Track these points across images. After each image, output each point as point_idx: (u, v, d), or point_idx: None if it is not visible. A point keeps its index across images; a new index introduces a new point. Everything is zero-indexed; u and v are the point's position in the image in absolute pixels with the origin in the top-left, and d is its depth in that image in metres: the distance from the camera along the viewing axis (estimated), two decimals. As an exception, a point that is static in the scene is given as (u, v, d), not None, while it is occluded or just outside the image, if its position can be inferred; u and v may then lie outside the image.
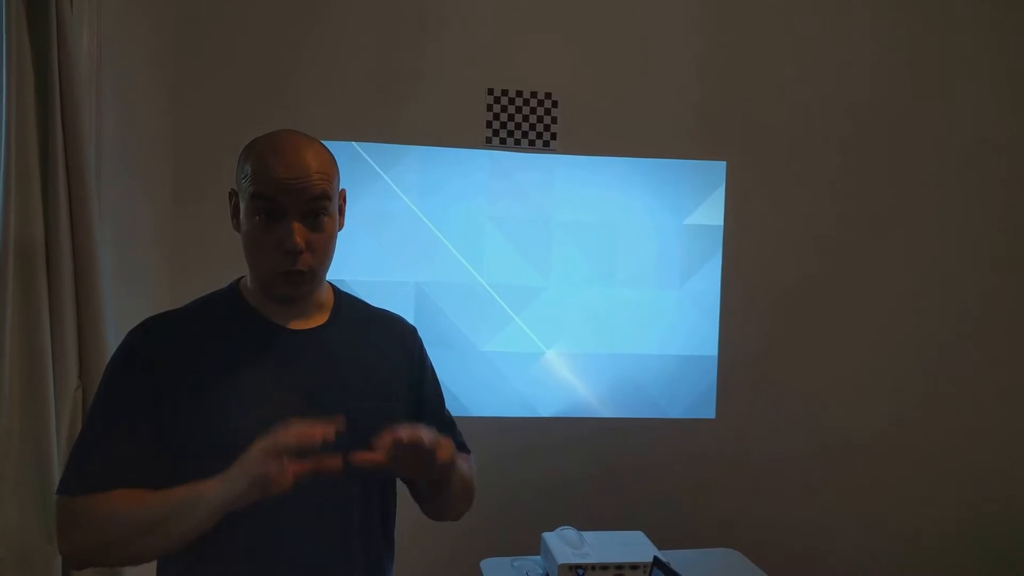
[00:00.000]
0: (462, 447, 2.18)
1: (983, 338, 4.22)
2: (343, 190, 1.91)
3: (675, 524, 3.76)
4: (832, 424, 4.15)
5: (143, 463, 1.74)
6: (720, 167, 3.99)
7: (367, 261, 3.73)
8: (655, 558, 2.78)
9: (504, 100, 3.83)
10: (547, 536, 3.13)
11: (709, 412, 4.07)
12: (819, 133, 4.06)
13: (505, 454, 3.91)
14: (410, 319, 3.67)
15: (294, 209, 1.74)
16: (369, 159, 3.74)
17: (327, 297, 1.98)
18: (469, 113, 3.83)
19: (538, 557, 3.18)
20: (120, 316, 2.74)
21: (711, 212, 3.99)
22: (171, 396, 1.75)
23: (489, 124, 3.83)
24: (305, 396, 1.81)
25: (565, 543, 3.05)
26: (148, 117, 3.40)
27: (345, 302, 2.03)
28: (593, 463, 4.01)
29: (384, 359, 2.00)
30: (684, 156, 3.96)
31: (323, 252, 1.82)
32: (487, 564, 3.23)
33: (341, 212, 1.90)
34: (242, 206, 1.80)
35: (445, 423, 2.16)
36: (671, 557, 3.00)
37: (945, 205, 4.15)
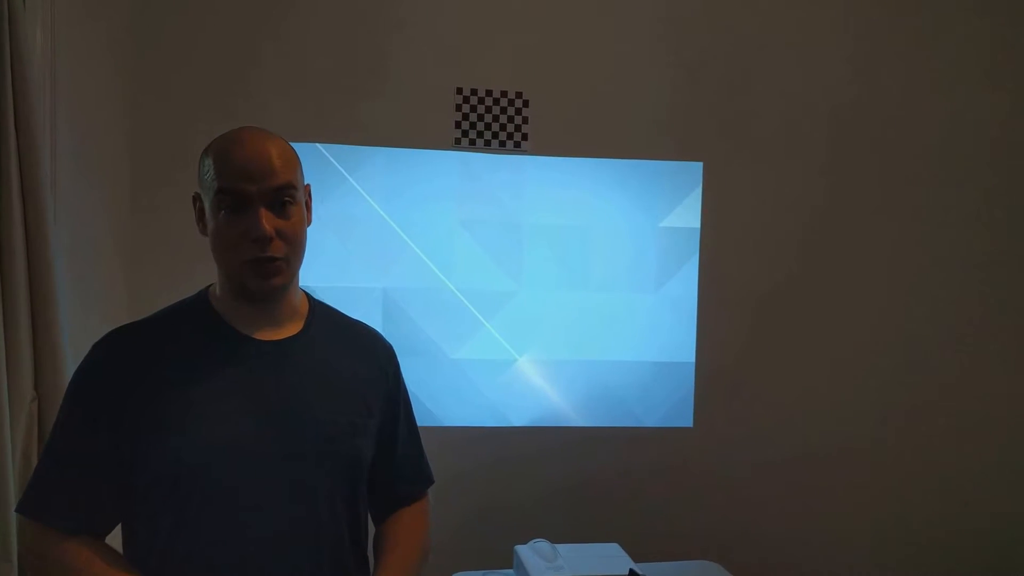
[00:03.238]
0: (419, 494, 2.25)
1: (967, 342, 4.25)
2: (308, 185, 1.92)
3: (652, 536, 3.78)
4: (814, 432, 4.17)
5: (109, 485, 1.77)
6: (697, 168, 4.00)
7: (332, 266, 3.73)
8: (631, 571, 2.81)
9: (473, 100, 3.84)
10: (520, 549, 3.12)
11: (686, 420, 4.07)
12: (799, 132, 4.08)
13: (476, 465, 3.92)
14: (377, 326, 3.68)
15: (260, 198, 1.76)
16: (334, 161, 3.73)
17: (302, 305, 2.00)
18: (437, 113, 3.83)
19: (511, 571, 3.18)
20: (76, 325, 2.74)
21: (687, 214, 4.01)
22: (137, 414, 1.76)
23: (458, 124, 3.84)
24: (270, 413, 1.82)
25: (539, 556, 3.05)
26: (105, 120, 3.39)
27: (320, 312, 2.04)
28: (567, 474, 4.01)
29: (358, 374, 2.01)
30: (659, 156, 3.97)
31: (294, 241, 1.83)
32: (459, 578, 3.23)
33: (308, 208, 1.91)
34: (206, 205, 1.82)
35: (410, 463, 2.23)
36: (648, 570, 3.02)
37: (929, 205, 4.18)
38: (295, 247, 1.84)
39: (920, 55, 4.14)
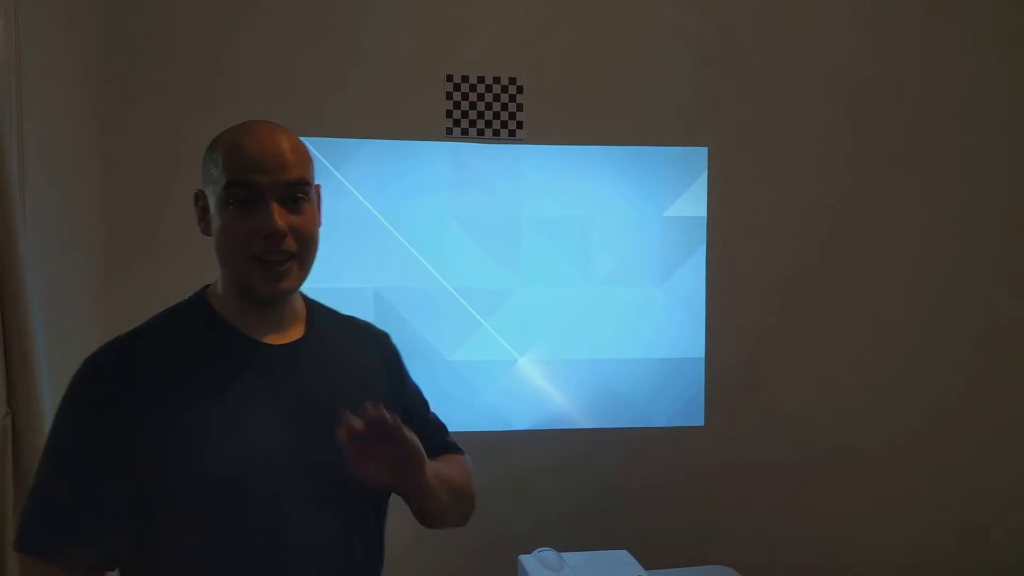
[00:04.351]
0: (454, 447, 2.20)
1: (987, 338, 4.23)
2: (319, 185, 1.88)
3: (662, 541, 3.81)
4: (828, 431, 4.14)
5: (121, 511, 1.67)
6: (701, 153, 3.97)
7: (320, 266, 3.57)
8: (640, 579, 2.82)
9: (465, 87, 3.80)
10: (524, 559, 3.17)
11: (697, 419, 4.04)
12: (809, 113, 4.05)
13: (477, 472, 3.82)
14: (369, 329, 3.64)
15: (272, 192, 1.71)
16: (319, 155, 3.68)
17: (300, 307, 1.95)
18: (426, 102, 3.79)
19: (515, 583, 3.19)
20: (51, 336, 2.73)
21: (693, 202, 3.97)
22: (145, 435, 1.66)
23: (449, 114, 3.80)
24: (292, 418, 1.77)
25: (544, 566, 3.09)
26: (74, 119, 3.36)
27: (318, 311, 2.00)
28: (573, 478, 3.97)
29: (366, 369, 1.99)
30: (662, 143, 3.94)
31: (307, 239, 1.78)
32: (460, 593, 3.22)
33: (318, 208, 1.87)
34: (212, 202, 1.76)
35: (433, 426, 2.18)
36: (659, 577, 3.03)
37: (945, 193, 4.15)
38: (308, 246, 1.80)
39: (932, 35, 4.11)
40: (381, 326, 3.55)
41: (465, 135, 3.80)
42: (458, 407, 3.83)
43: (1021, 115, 4.15)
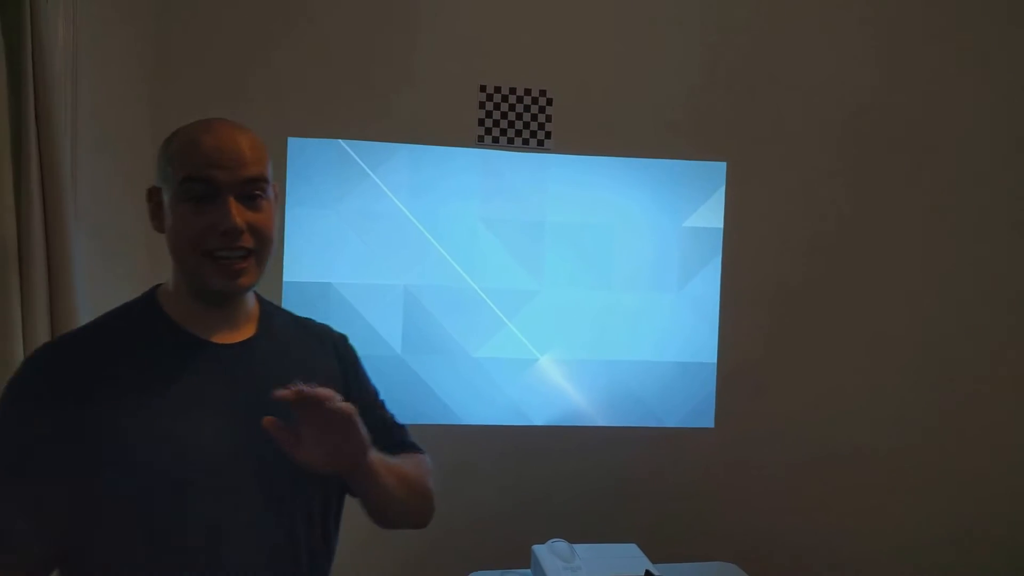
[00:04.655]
0: (412, 446, 2.12)
1: (994, 344, 4.24)
2: (276, 184, 1.82)
3: (671, 537, 3.82)
4: (836, 433, 4.16)
5: (53, 518, 1.60)
6: (720, 168, 4.01)
7: (353, 263, 3.75)
8: (647, 572, 2.82)
9: (497, 97, 3.86)
10: (538, 549, 3.15)
11: (708, 421, 4.08)
12: (823, 133, 4.08)
13: (496, 463, 3.93)
14: (398, 324, 3.73)
15: (229, 188, 1.67)
16: (356, 157, 3.75)
17: (253, 306, 1.90)
18: (461, 110, 3.85)
19: (528, 571, 3.20)
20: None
21: (710, 214, 4.01)
22: (92, 432, 1.61)
23: (481, 122, 3.85)
24: (241, 418, 1.70)
25: (556, 556, 3.07)
26: (126, 111, 3.41)
27: (271, 311, 1.96)
28: (587, 473, 4.02)
29: (318, 370, 1.91)
30: (683, 156, 3.98)
31: (265, 237, 1.74)
32: (476, 577, 3.25)
33: (275, 206, 1.82)
34: (166, 199, 1.72)
35: (390, 424, 2.12)
36: (666, 571, 3.03)
37: (956, 205, 4.17)
38: (265, 243, 1.75)
39: (945, 51, 4.13)
40: (411, 322, 3.67)
41: (496, 143, 3.85)
42: (480, 401, 3.91)
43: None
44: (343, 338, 2.09)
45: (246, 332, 1.84)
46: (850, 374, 4.17)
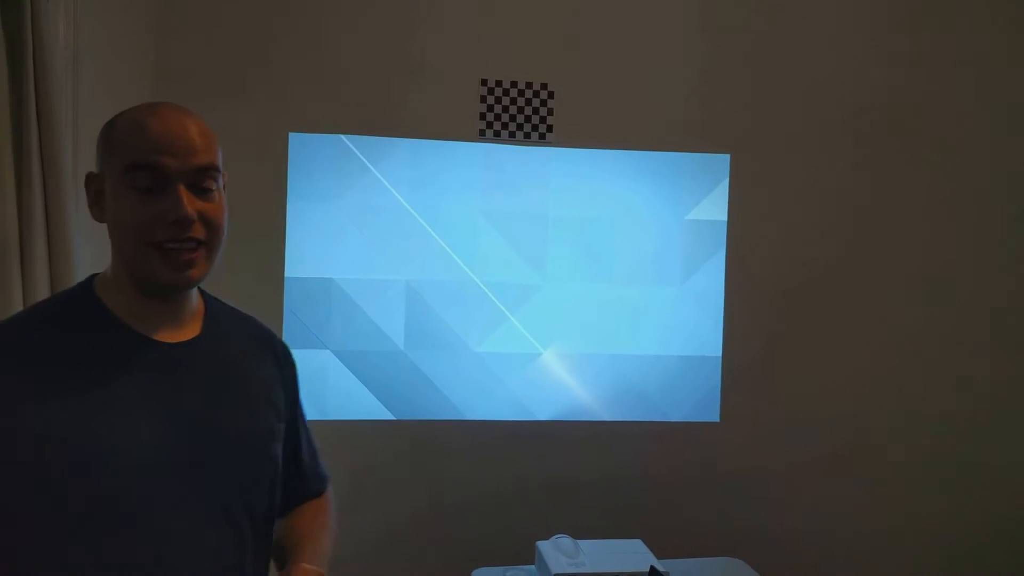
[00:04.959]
0: (322, 480, 2.11)
1: (1001, 338, 4.24)
2: (225, 173, 1.71)
3: (676, 532, 3.81)
4: (842, 428, 4.16)
5: None
6: (724, 160, 4.01)
7: (355, 258, 3.75)
8: (651, 568, 2.82)
9: (498, 91, 3.86)
10: (541, 545, 3.16)
11: (713, 415, 4.08)
12: (827, 124, 4.07)
13: (499, 459, 3.94)
14: (400, 319, 3.75)
15: (179, 175, 1.58)
16: (357, 152, 3.76)
17: (198, 303, 1.80)
18: (462, 104, 3.85)
19: (532, 567, 3.20)
20: None
21: (714, 207, 4.01)
22: (20, 433, 1.49)
23: (483, 116, 3.86)
24: (183, 421, 1.63)
25: (560, 552, 3.08)
26: (127, 107, 3.38)
27: (217, 309, 1.85)
28: (591, 468, 4.02)
29: (264, 376, 1.86)
30: (686, 149, 3.98)
31: (216, 227, 1.64)
32: (480, 574, 3.25)
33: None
34: (109, 187, 1.61)
35: (314, 453, 2.09)
36: (671, 566, 3.03)
37: (961, 197, 4.16)
38: (217, 234, 1.65)
39: (949, 43, 4.13)
40: (413, 316, 3.68)
41: (497, 137, 3.86)
42: (483, 396, 3.91)
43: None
44: (285, 347, 1.99)
45: (190, 331, 1.73)
46: (858, 368, 4.17)
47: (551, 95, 3.89)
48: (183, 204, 1.56)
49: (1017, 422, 4.26)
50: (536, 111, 3.88)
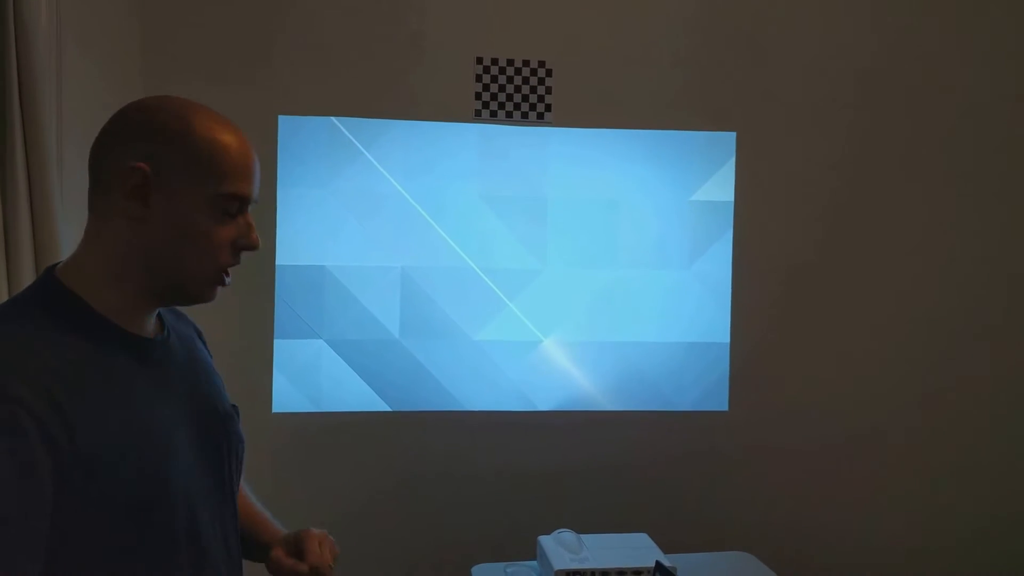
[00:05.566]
0: None
1: (1015, 319, 4.21)
2: None
3: (683, 526, 3.81)
4: (853, 417, 4.13)
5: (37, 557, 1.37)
6: (729, 138, 3.97)
7: (348, 245, 3.73)
8: (657, 563, 2.80)
9: (494, 70, 3.82)
10: (543, 540, 3.14)
11: (721, 404, 4.05)
12: (836, 100, 4.03)
13: (500, 451, 3.92)
14: (396, 307, 3.74)
15: (250, 204, 1.66)
16: (349, 135, 3.73)
17: None
18: (457, 84, 3.81)
19: (534, 562, 3.18)
20: None
21: (720, 187, 3.97)
22: (81, 457, 1.41)
23: (479, 96, 3.82)
24: (186, 414, 1.67)
25: (563, 547, 3.06)
26: (112, 91, 3.32)
27: None
28: (595, 460, 4.00)
29: (205, 356, 1.90)
30: (690, 127, 3.94)
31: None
32: (479, 570, 3.23)
33: None
34: (187, 197, 1.56)
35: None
36: (678, 561, 3.02)
37: (973, 178, 4.13)
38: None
39: (959, 18, 4.10)
40: (409, 305, 3.66)
41: (494, 117, 3.82)
42: (483, 386, 3.88)
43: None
44: (200, 329, 1.97)
45: (158, 326, 1.70)
46: (870, 354, 4.13)
47: (549, 73, 3.85)
48: (254, 234, 1.65)
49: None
50: (534, 90, 3.84)
